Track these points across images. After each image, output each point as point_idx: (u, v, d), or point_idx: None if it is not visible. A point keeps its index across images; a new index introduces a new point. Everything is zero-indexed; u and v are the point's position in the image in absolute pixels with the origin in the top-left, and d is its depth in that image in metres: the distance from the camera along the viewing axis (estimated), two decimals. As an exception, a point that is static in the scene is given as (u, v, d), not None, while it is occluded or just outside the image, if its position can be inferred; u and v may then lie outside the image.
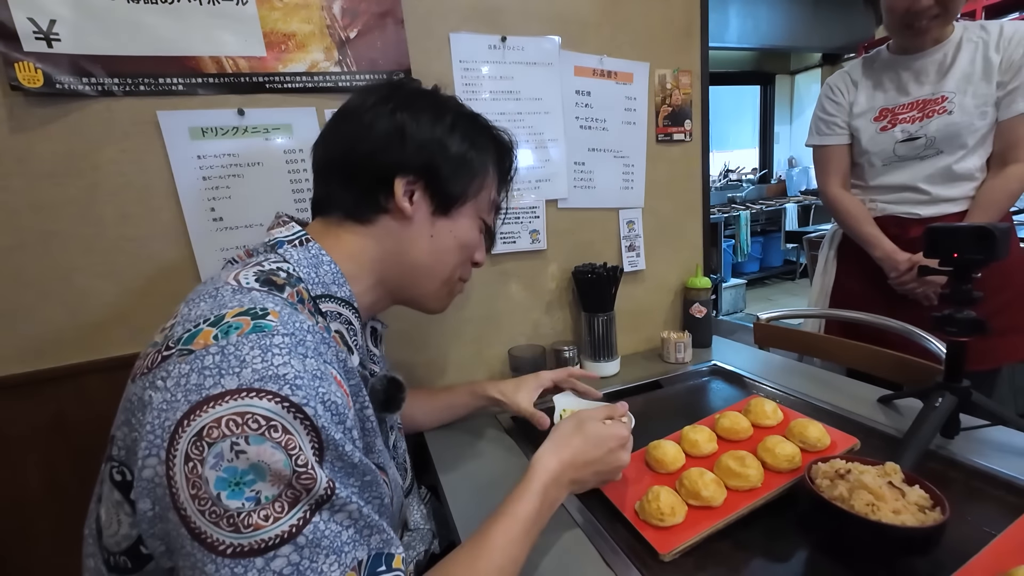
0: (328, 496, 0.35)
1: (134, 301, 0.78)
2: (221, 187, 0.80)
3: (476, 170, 0.58)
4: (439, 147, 0.54)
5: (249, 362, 0.35)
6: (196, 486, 0.33)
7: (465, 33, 0.92)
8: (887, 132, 1.08)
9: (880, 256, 1.08)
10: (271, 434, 0.34)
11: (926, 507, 0.49)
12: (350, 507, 0.36)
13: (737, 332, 3.22)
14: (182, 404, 0.34)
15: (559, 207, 1.05)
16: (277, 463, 0.33)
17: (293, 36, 0.80)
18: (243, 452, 0.33)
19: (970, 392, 0.66)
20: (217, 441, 0.33)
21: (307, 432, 0.35)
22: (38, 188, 0.72)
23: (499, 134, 0.63)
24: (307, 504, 0.34)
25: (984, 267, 0.61)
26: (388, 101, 0.54)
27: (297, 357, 0.37)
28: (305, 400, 0.36)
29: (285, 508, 0.33)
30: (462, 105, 0.60)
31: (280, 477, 0.33)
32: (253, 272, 0.45)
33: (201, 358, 0.36)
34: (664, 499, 0.55)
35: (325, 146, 0.57)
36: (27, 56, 0.68)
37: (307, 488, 0.34)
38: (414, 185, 0.54)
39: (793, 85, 5.44)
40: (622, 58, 1.06)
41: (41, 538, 0.78)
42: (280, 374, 0.36)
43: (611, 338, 1.04)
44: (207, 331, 0.37)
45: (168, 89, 0.75)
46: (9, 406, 0.74)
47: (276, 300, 0.42)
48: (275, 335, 0.38)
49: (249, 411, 0.34)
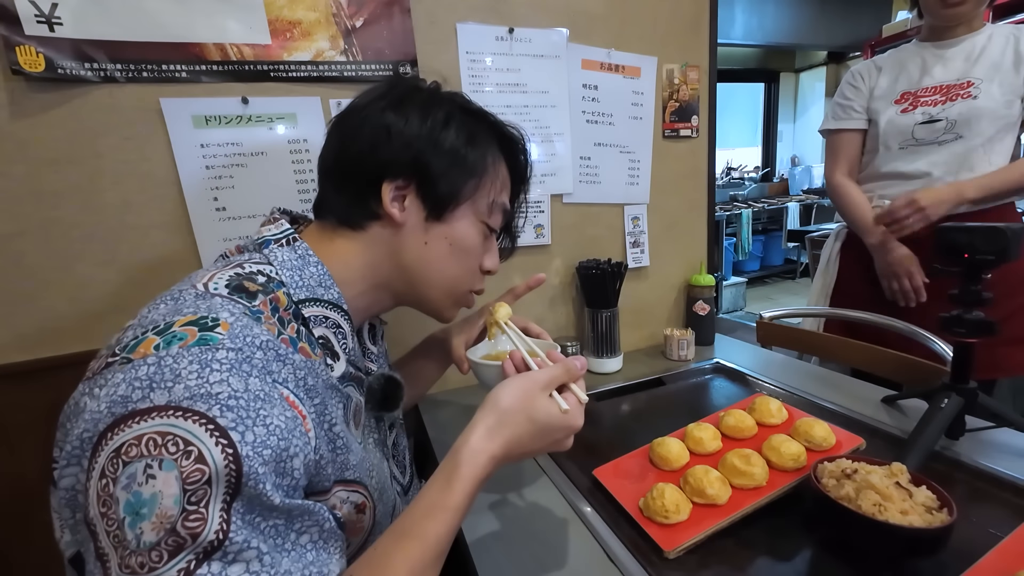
0: (219, 544, 0.31)
1: (136, 291, 0.78)
2: (224, 176, 0.79)
3: (473, 167, 0.53)
4: (427, 143, 0.50)
5: (183, 377, 0.33)
6: (107, 504, 0.31)
7: (472, 24, 0.91)
8: (908, 114, 1.06)
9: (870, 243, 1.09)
10: (182, 462, 0.31)
11: (933, 508, 0.48)
12: (247, 554, 0.32)
13: (738, 330, 3.23)
14: (106, 416, 0.32)
15: (564, 202, 1.05)
16: (169, 498, 0.30)
17: (298, 24, 0.79)
18: (153, 478, 0.30)
19: (976, 393, 0.66)
20: (133, 460, 0.31)
21: (225, 462, 0.32)
22: (40, 175, 0.71)
23: (506, 129, 0.58)
24: (192, 553, 0.30)
25: (995, 268, 0.61)
26: (382, 99, 0.52)
27: (238, 375, 0.35)
28: (233, 424, 0.33)
29: (164, 558, 0.30)
30: (468, 101, 0.56)
31: (165, 519, 0.30)
32: (228, 275, 0.43)
33: (136, 368, 0.33)
34: (669, 496, 0.55)
35: (324, 149, 0.54)
36: (28, 40, 0.66)
37: (193, 534, 0.30)
38: (404, 189, 0.51)
39: (797, 83, 5.41)
40: (630, 52, 1.05)
41: (40, 526, 0.77)
42: (213, 392, 0.33)
43: (614, 334, 1.03)
44: (150, 339, 0.35)
45: (171, 76, 0.74)
46: (9, 394, 0.74)
47: (235, 309, 0.39)
48: (218, 349, 0.35)
49: (171, 431, 0.31)
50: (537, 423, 0.44)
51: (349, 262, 0.51)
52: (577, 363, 0.49)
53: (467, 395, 0.97)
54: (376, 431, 0.57)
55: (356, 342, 0.54)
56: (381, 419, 0.59)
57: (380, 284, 0.54)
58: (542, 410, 0.45)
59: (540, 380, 0.46)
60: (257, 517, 0.34)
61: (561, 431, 0.46)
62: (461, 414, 0.90)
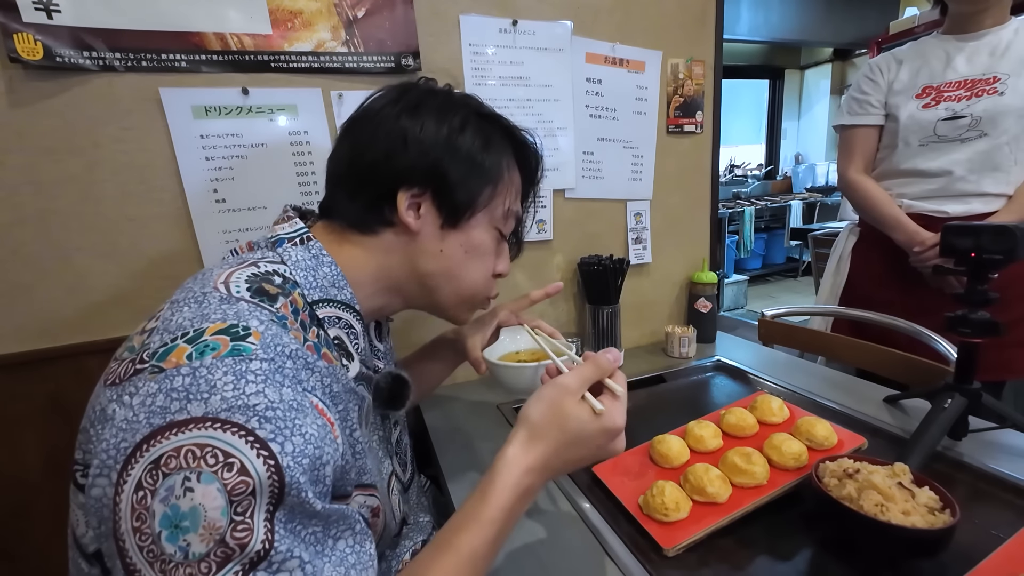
0: (265, 553, 0.31)
1: (134, 282, 0.77)
2: (224, 168, 0.78)
3: (489, 174, 0.52)
4: (445, 149, 0.49)
5: (219, 388, 0.33)
6: (141, 518, 0.30)
7: (475, 15, 0.89)
8: (929, 109, 1.01)
9: (903, 239, 1.03)
10: (223, 474, 0.31)
11: (935, 509, 0.48)
12: (291, 563, 0.33)
13: (739, 328, 3.21)
14: (143, 427, 0.32)
15: (566, 197, 1.04)
16: (215, 510, 0.30)
17: (300, 14, 0.78)
18: (191, 490, 0.30)
19: (980, 394, 0.65)
20: (173, 473, 0.30)
21: (268, 473, 0.32)
22: (38, 164, 0.70)
23: (519, 134, 0.57)
24: (239, 564, 0.31)
25: (1002, 268, 0.60)
26: (395, 104, 0.50)
27: (272, 386, 0.35)
28: (272, 435, 0.33)
29: (212, 569, 0.30)
30: (481, 104, 0.54)
31: (213, 530, 0.30)
32: (246, 276, 0.42)
33: (171, 379, 0.33)
34: (669, 494, 0.55)
35: (334, 156, 0.53)
36: (26, 27, 0.66)
37: (241, 545, 0.31)
38: (420, 197, 0.49)
39: (802, 80, 5.37)
40: (635, 46, 1.03)
41: (38, 518, 0.78)
42: (250, 404, 0.33)
43: (615, 331, 1.03)
44: (181, 348, 0.35)
45: (171, 65, 0.73)
46: (7, 385, 0.74)
47: (263, 316, 0.39)
48: (252, 360, 0.35)
49: (210, 444, 0.31)
50: (569, 432, 0.42)
51: (361, 265, 0.51)
52: (609, 356, 0.46)
53: (470, 391, 0.97)
54: (381, 428, 0.57)
55: (367, 341, 0.53)
56: (387, 417, 0.59)
57: (392, 288, 0.53)
58: (573, 418, 0.42)
59: (569, 386, 0.44)
60: (298, 525, 0.34)
61: (600, 436, 0.43)
62: (462, 410, 0.90)
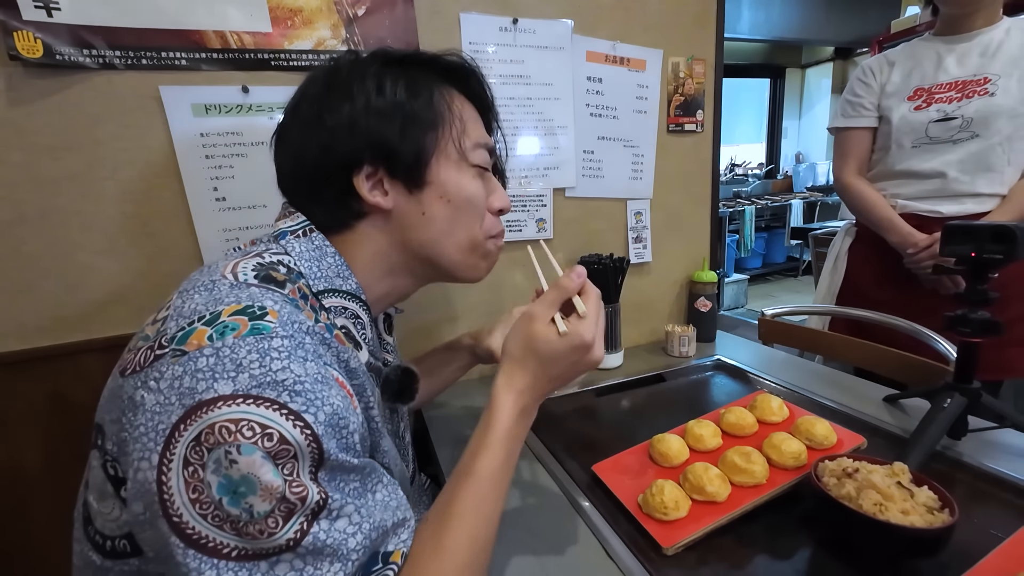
0: (324, 503, 0.35)
1: (135, 280, 0.77)
2: (224, 166, 0.78)
3: (425, 116, 0.49)
4: (370, 116, 0.46)
5: (246, 367, 0.34)
6: (198, 490, 0.32)
7: (476, 13, 0.89)
8: (921, 111, 1.02)
9: (897, 241, 1.04)
10: (264, 443, 0.32)
11: (934, 508, 0.48)
12: (347, 509, 0.36)
13: (739, 327, 3.21)
14: (177, 407, 0.33)
15: (567, 196, 1.04)
16: (267, 475, 0.32)
17: (300, 12, 0.78)
18: (235, 462, 0.32)
19: (980, 394, 0.65)
20: (215, 447, 0.32)
21: (306, 441, 0.34)
22: (38, 162, 0.70)
23: (444, 59, 0.53)
24: (303, 515, 0.34)
25: (1002, 267, 0.60)
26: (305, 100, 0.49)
27: (297, 361, 0.36)
28: (304, 407, 0.34)
29: (280, 523, 0.33)
30: (388, 53, 0.51)
31: (271, 491, 0.32)
32: (252, 265, 0.43)
33: (195, 360, 0.34)
34: (668, 493, 0.55)
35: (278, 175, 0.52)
36: (26, 25, 0.66)
37: (301, 499, 0.33)
38: (376, 174, 0.48)
39: (803, 79, 5.36)
40: (635, 44, 1.03)
41: (37, 515, 0.78)
42: (279, 380, 0.34)
43: (615, 330, 1.03)
44: (201, 330, 0.35)
45: (171, 63, 0.73)
46: (7, 383, 0.74)
47: (275, 297, 0.40)
48: (274, 337, 0.36)
49: (245, 418, 0.32)
50: (543, 354, 0.45)
51: (356, 256, 0.50)
52: (573, 276, 0.47)
53: (470, 390, 0.97)
54: (390, 422, 0.57)
55: (374, 332, 0.53)
56: (395, 411, 0.59)
57: (394, 269, 0.52)
58: (542, 341, 0.45)
59: (536, 312, 0.46)
60: (340, 482, 0.37)
61: (572, 352, 0.45)
62: (462, 410, 0.90)
